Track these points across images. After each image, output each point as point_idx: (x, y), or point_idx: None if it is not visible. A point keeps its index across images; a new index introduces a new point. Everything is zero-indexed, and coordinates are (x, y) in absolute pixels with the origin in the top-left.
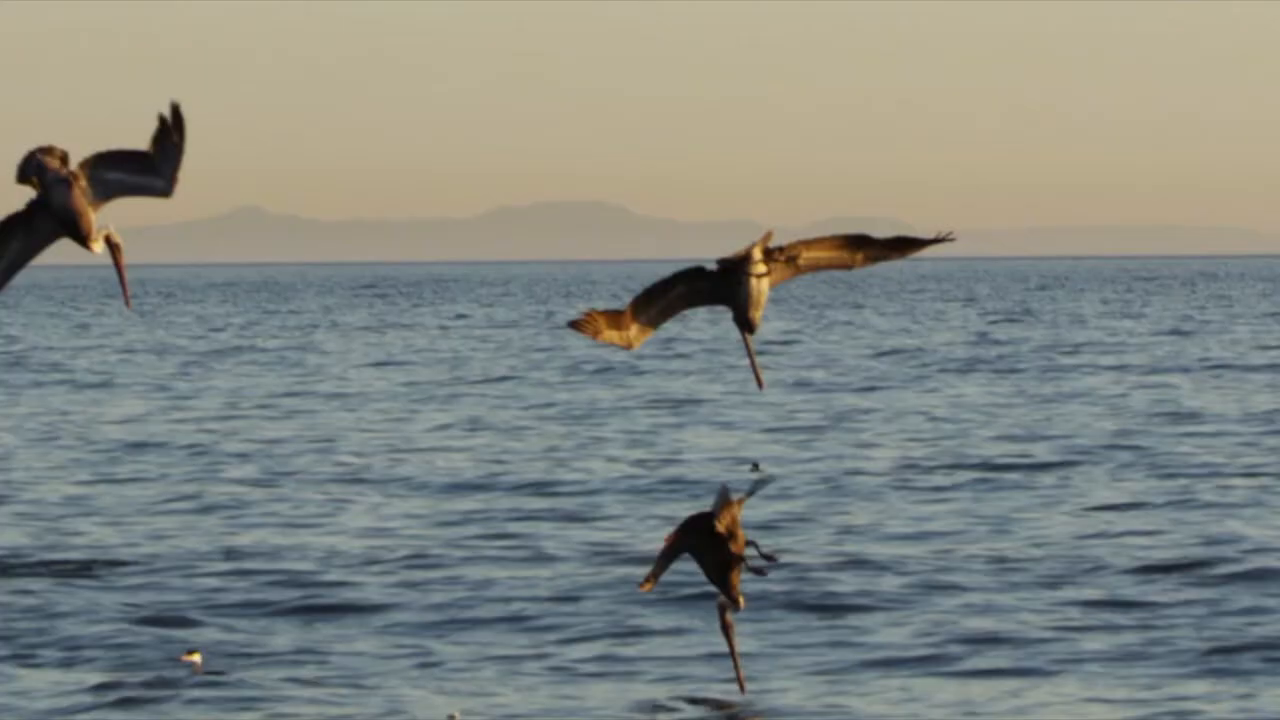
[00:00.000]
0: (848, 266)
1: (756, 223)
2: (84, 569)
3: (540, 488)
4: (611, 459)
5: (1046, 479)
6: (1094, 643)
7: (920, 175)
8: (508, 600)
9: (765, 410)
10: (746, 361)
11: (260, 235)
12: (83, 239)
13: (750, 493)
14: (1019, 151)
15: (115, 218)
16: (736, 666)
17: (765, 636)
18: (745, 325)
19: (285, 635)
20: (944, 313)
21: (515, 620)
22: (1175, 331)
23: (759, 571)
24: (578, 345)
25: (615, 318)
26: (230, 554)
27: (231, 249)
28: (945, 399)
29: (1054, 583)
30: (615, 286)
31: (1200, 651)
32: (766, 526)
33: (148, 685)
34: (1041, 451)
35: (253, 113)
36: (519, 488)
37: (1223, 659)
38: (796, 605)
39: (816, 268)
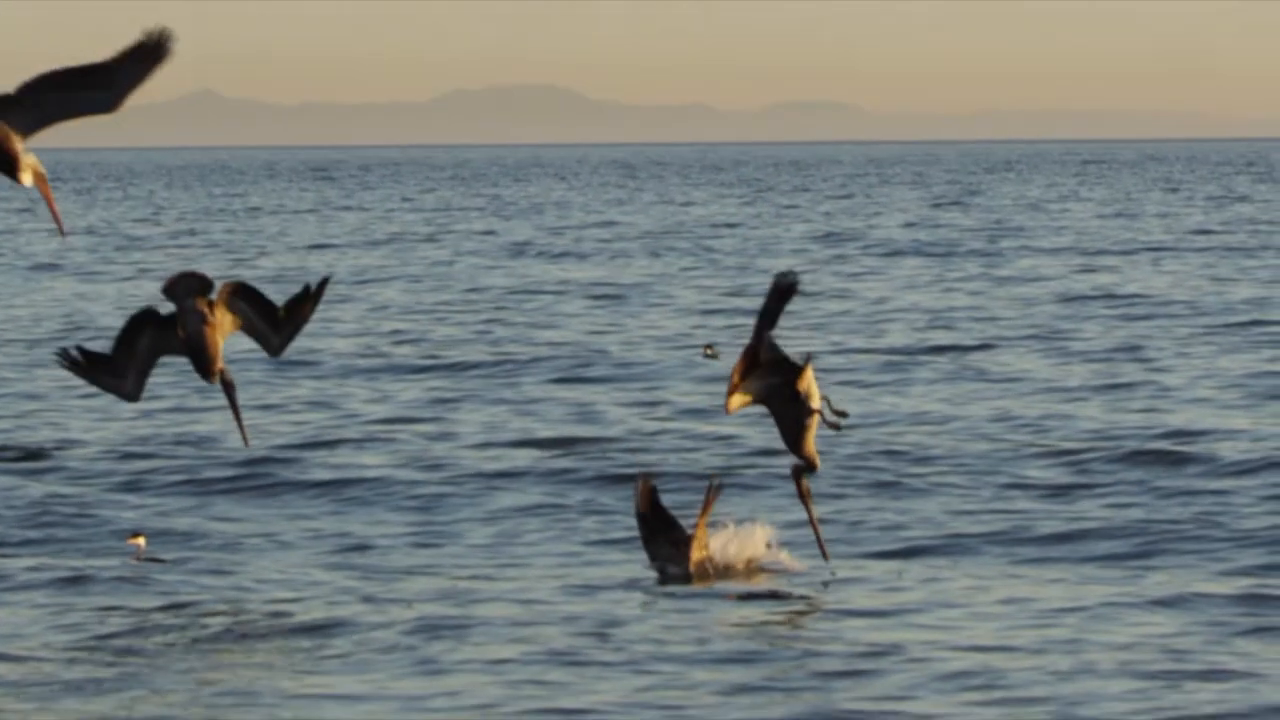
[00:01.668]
0: None
1: (710, 107)
2: (25, 454)
3: (479, 369)
4: (555, 342)
5: (982, 362)
6: (1028, 528)
7: (872, 60)
8: (449, 481)
9: (708, 293)
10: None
11: (215, 119)
12: (204, 371)
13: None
14: (970, 37)
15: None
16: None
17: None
18: (799, 452)
19: (229, 517)
20: (889, 196)
21: (452, 500)
22: (1120, 214)
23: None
24: (523, 229)
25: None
26: (179, 439)
27: (185, 133)
28: (885, 282)
29: (985, 467)
30: (564, 170)
31: (1132, 535)
32: (694, 410)
33: (88, 569)
34: (978, 335)
35: None
36: (456, 368)
37: (1156, 541)
38: (728, 488)
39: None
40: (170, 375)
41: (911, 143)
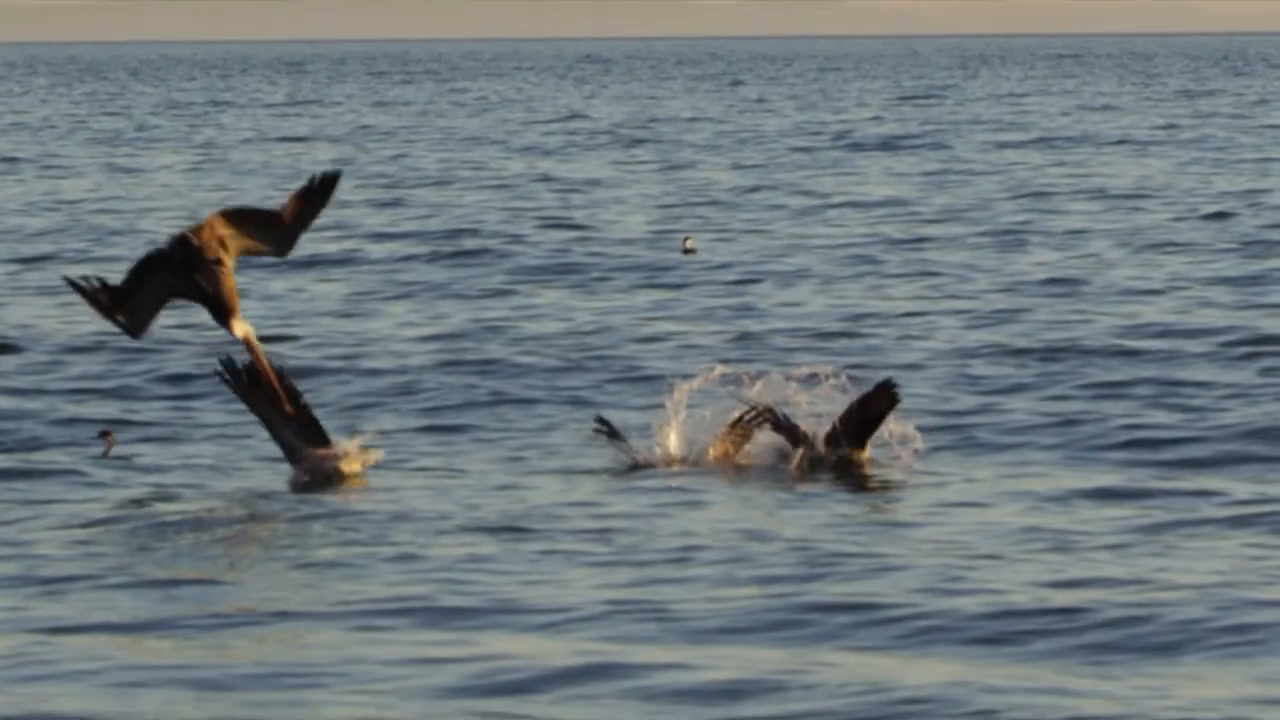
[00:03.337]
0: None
1: (686, 1)
2: None
3: (443, 263)
4: (519, 236)
5: (942, 255)
6: (988, 423)
7: None
8: (417, 371)
9: (674, 185)
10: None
11: (188, 14)
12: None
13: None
14: None
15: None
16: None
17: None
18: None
19: (195, 409)
20: (860, 90)
21: (422, 392)
22: (1087, 108)
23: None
24: (492, 123)
25: None
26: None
27: (157, 27)
28: (848, 176)
29: (953, 363)
30: (539, 64)
31: (1091, 425)
32: (664, 304)
33: (57, 463)
34: (939, 229)
35: None
36: (416, 261)
37: (1114, 434)
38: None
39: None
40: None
41: (890, 37)
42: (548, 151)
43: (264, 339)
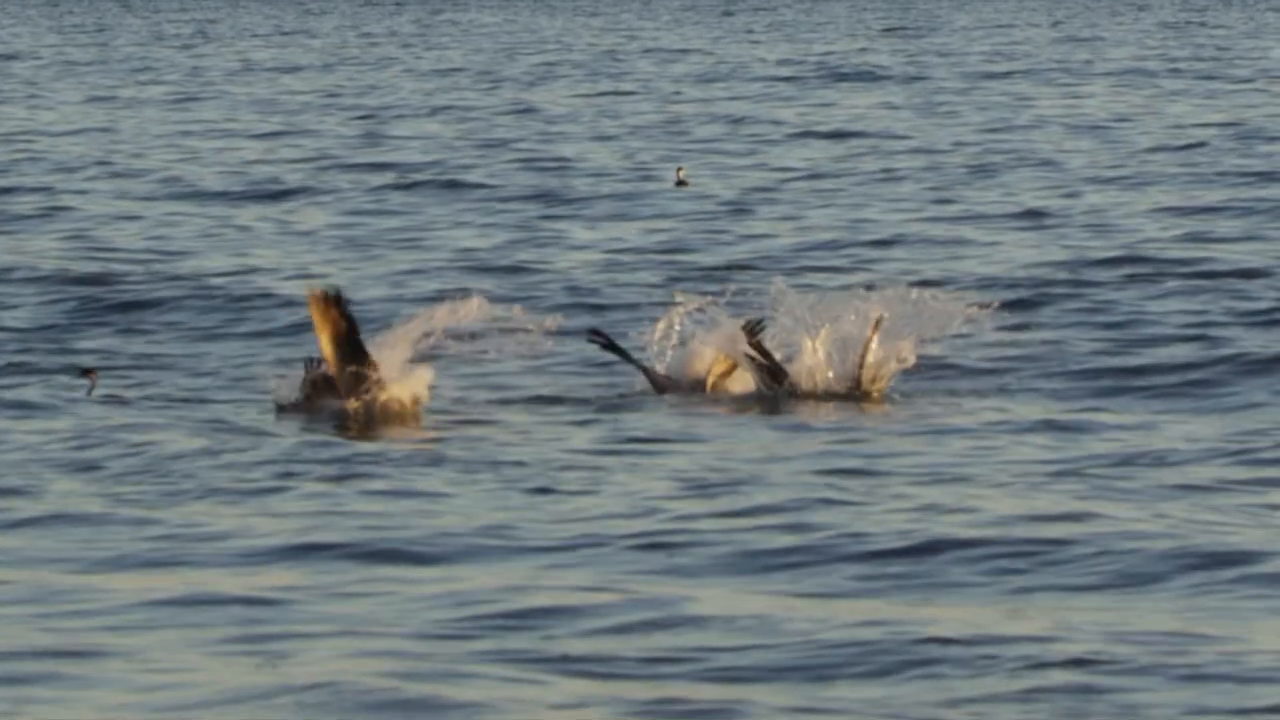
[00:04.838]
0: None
1: None
2: None
3: (421, 193)
4: (498, 174)
5: (929, 188)
6: (968, 357)
7: None
8: (412, 302)
9: (661, 115)
10: None
11: None
12: None
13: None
14: None
15: None
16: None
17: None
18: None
19: (182, 344)
20: (853, 21)
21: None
22: (1071, 39)
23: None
24: (478, 58)
25: None
26: (139, 262)
27: None
28: (838, 107)
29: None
30: None
31: (1068, 352)
32: (655, 232)
33: (43, 398)
34: (922, 161)
35: None
36: (389, 191)
37: (1089, 359)
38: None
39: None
40: (126, 201)
41: None
42: (534, 82)
43: (250, 271)
